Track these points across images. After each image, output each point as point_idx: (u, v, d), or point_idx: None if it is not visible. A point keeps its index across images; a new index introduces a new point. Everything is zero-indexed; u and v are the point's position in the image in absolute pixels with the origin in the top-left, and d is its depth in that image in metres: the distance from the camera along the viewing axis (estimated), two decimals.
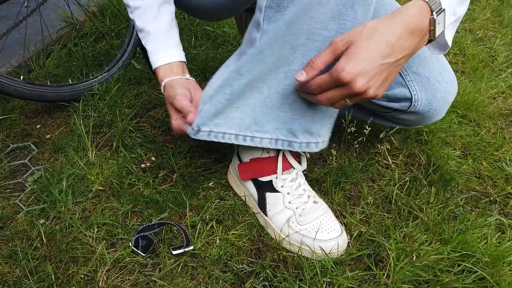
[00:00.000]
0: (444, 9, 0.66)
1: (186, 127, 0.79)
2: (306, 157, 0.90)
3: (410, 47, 0.65)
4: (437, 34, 0.67)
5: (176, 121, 0.82)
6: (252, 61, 0.71)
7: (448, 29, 0.71)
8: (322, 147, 0.81)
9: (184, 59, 0.91)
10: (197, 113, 0.76)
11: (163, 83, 0.87)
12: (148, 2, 0.88)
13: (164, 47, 0.89)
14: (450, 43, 0.73)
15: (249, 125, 0.78)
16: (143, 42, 0.90)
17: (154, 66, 0.89)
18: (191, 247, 0.81)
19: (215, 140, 0.78)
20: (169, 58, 0.88)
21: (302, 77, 0.67)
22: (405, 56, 0.66)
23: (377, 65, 0.63)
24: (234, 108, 0.76)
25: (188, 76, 0.90)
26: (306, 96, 0.73)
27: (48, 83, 1.17)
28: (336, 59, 0.65)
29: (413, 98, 0.86)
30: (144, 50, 0.93)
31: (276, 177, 0.84)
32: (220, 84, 0.74)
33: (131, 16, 0.90)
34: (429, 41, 0.68)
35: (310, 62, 0.67)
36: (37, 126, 1.14)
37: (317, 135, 0.79)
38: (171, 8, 0.91)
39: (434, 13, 0.65)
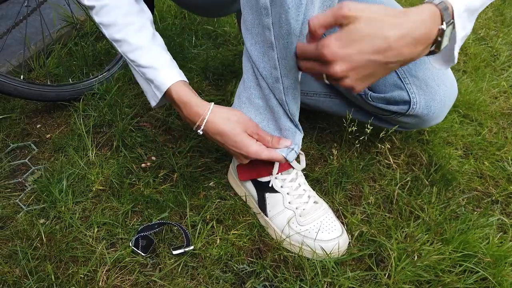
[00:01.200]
0: (453, 22, 0.61)
1: (282, 152, 0.79)
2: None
3: (410, 54, 0.60)
4: (442, 47, 0.62)
5: (260, 147, 0.78)
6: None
7: (457, 44, 0.66)
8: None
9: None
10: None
11: (211, 107, 0.78)
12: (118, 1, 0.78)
13: (169, 64, 0.79)
14: (456, 60, 0.68)
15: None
16: (130, 56, 0.78)
17: (168, 84, 0.77)
18: (191, 247, 0.81)
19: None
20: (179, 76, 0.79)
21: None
22: (399, 61, 0.60)
23: (364, 58, 0.58)
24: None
25: None
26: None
27: (49, 83, 1.17)
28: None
29: (412, 101, 0.85)
30: None
31: (276, 178, 0.84)
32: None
33: (96, 18, 0.78)
34: (431, 52, 0.63)
35: (308, 21, 0.60)
36: (37, 126, 1.14)
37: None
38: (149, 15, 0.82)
39: (444, 23, 0.59)
